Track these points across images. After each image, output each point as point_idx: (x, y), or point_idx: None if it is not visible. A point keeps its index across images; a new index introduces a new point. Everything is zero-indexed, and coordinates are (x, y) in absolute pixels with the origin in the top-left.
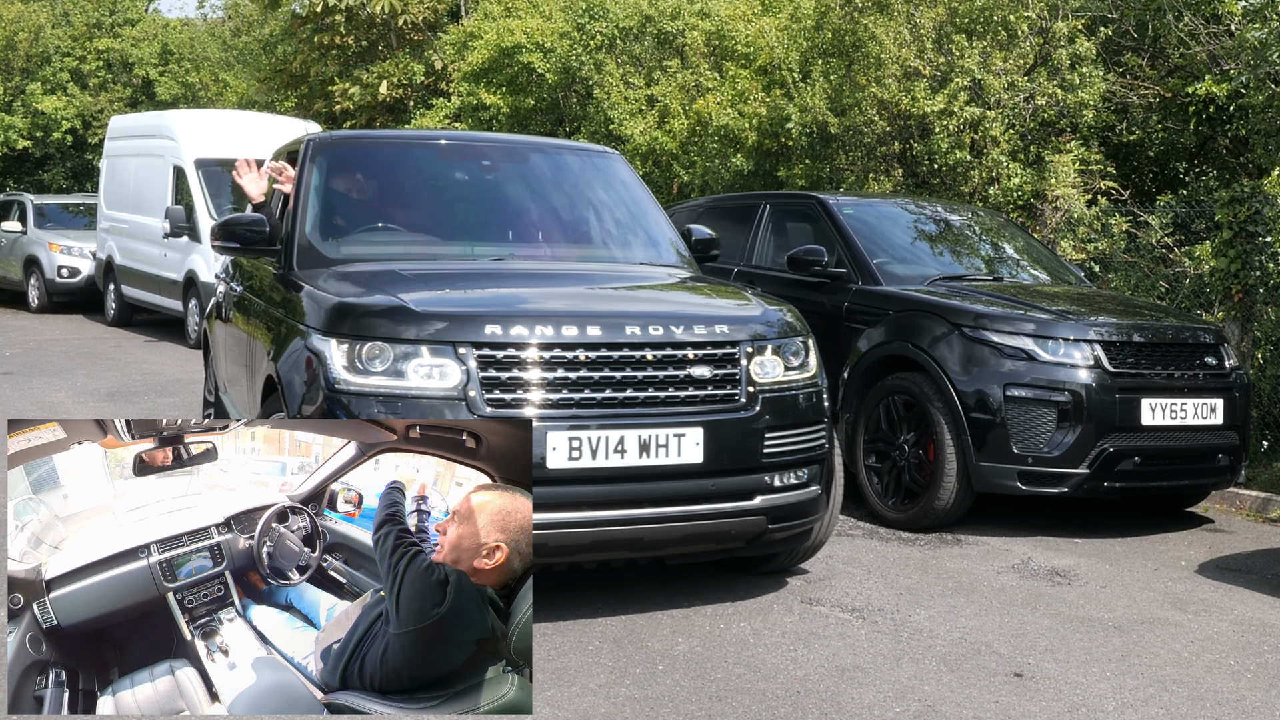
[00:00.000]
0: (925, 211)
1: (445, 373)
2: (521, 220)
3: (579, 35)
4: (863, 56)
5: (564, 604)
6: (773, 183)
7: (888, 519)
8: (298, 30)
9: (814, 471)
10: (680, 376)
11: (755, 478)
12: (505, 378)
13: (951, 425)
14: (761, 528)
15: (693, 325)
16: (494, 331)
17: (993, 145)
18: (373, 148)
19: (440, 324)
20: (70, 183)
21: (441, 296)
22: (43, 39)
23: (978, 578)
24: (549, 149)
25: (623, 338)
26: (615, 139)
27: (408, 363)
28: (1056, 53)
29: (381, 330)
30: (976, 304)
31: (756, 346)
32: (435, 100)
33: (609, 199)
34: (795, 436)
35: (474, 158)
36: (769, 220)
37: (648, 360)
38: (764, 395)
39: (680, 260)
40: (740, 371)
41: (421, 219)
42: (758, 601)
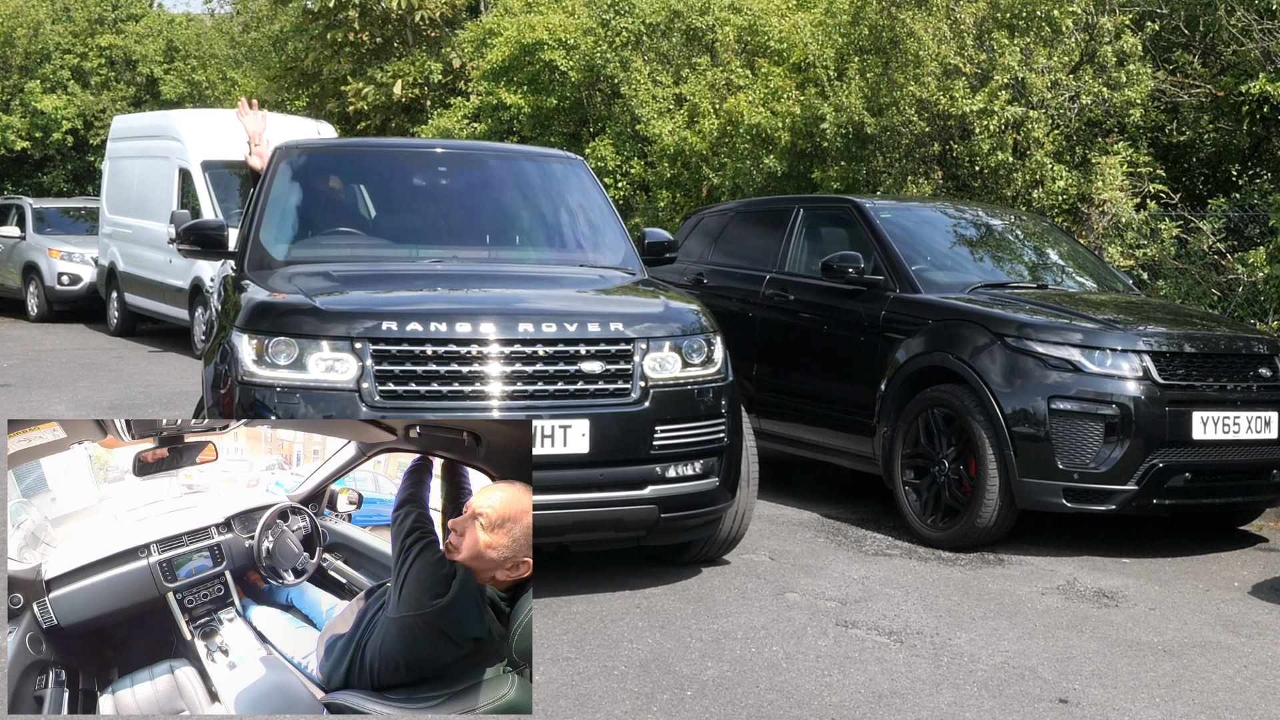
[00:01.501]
0: (966, 216)
1: (343, 366)
2: (468, 224)
3: (603, 31)
4: (900, 53)
5: (588, 628)
6: (806, 185)
7: (927, 538)
8: (309, 26)
9: (711, 464)
10: (571, 371)
11: (645, 468)
12: (399, 371)
13: (993, 440)
14: (654, 516)
15: (587, 323)
16: (390, 327)
17: (1036, 146)
18: (335, 155)
19: (340, 321)
20: (71, 186)
21: (348, 296)
22: (42, 35)
23: (1021, 599)
24: (509, 155)
25: (515, 334)
26: (642, 139)
27: (309, 356)
28: (1102, 49)
29: (288, 327)
30: (1020, 313)
31: (653, 344)
32: (453, 100)
33: (562, 204)
34: (690, 430)
35: (432, 164)
36: (802, 225)
37: (539, 356)
38: (657, 390)
39: (624, 262)
40: (633, 367)
41: (373, 223)
42: (790, 624)
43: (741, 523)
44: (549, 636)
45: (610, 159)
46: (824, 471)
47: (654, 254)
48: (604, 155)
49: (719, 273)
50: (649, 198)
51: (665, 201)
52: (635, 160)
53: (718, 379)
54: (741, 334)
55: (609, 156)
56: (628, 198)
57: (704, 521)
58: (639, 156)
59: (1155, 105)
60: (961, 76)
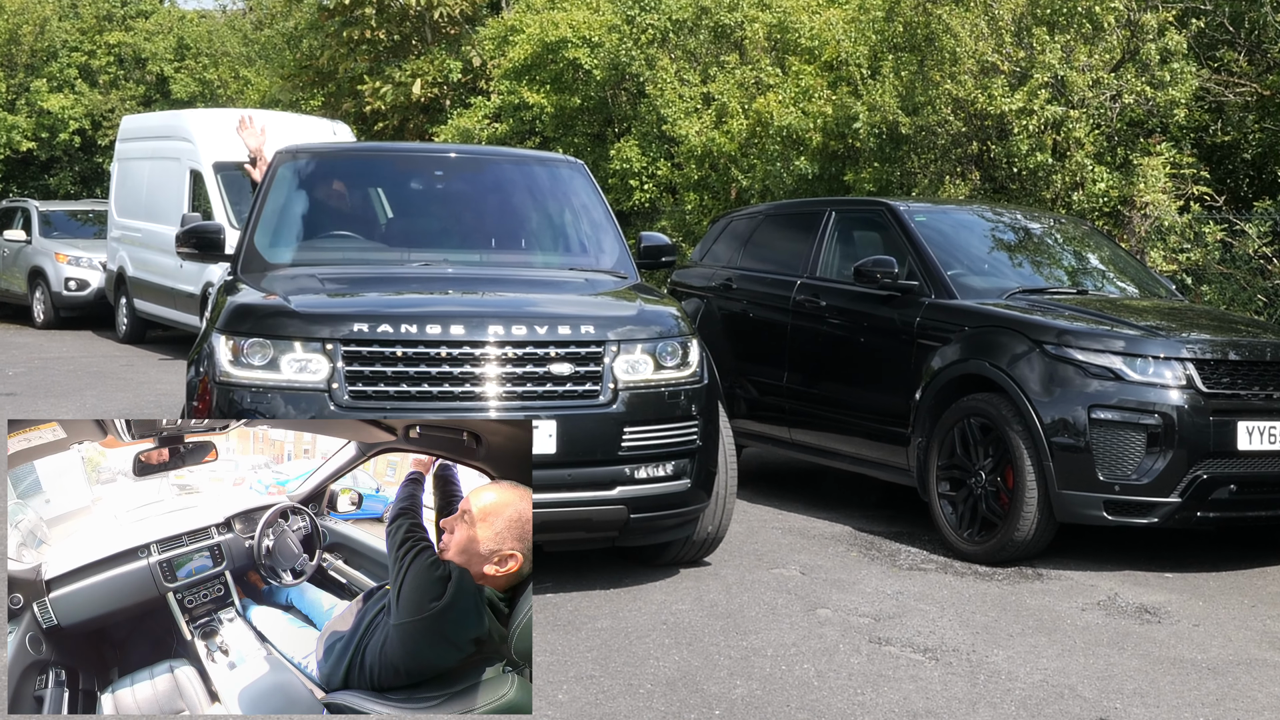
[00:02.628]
0: (1003, 219)
1: (315, 367)
2: (462, 228)
3: (629, 28)
4: (936, 51)
5: (612, 645)
6: (839, 188)
7: (963, 551)
8: (325, 23)
9: (683, 465)
10: (540, 373)
11: (614, 469)
12: (368, 371)
13: (1032, 450)
14: (623, 517)
15: (557, 326)
16: (360, 329)
17: (1076, 147)
18: (333, 160)
19: (313, 323)
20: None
21: (322, 299)
22: (49, 32)
23: (1060, 615)
24: (506, 159)
25: (484, 336)
26: (669, 140)
27: (283, 357)
28: (1145, 47)
29: (263, 328)
30: (1059, 319)
31: (624, 346)
32: (474, 99)
33: (558, 208)
34: (661, 431)
35: (429, 169)
36: (835, 229)
37: (508, 357)
38: (627, 392)
39: (617, 266)
40: (603, 369)
41: (368, 227)
42: (822, 641)
43: (720, 524)
44: (572, 654)
45: (636, 160)
46: (857, 483)
47: (650, 258)
48: (629, 156)
49: (748, 278)
50: (676, 200)
51: (693, 204)
52: (662, 162)
53: (692, 382)
54: (772, 342)
55: (634, 158)
56: (654, 200)
57: (680, 522)
58: (665, 158)
59: (1199, 105)
60: (999, 74)
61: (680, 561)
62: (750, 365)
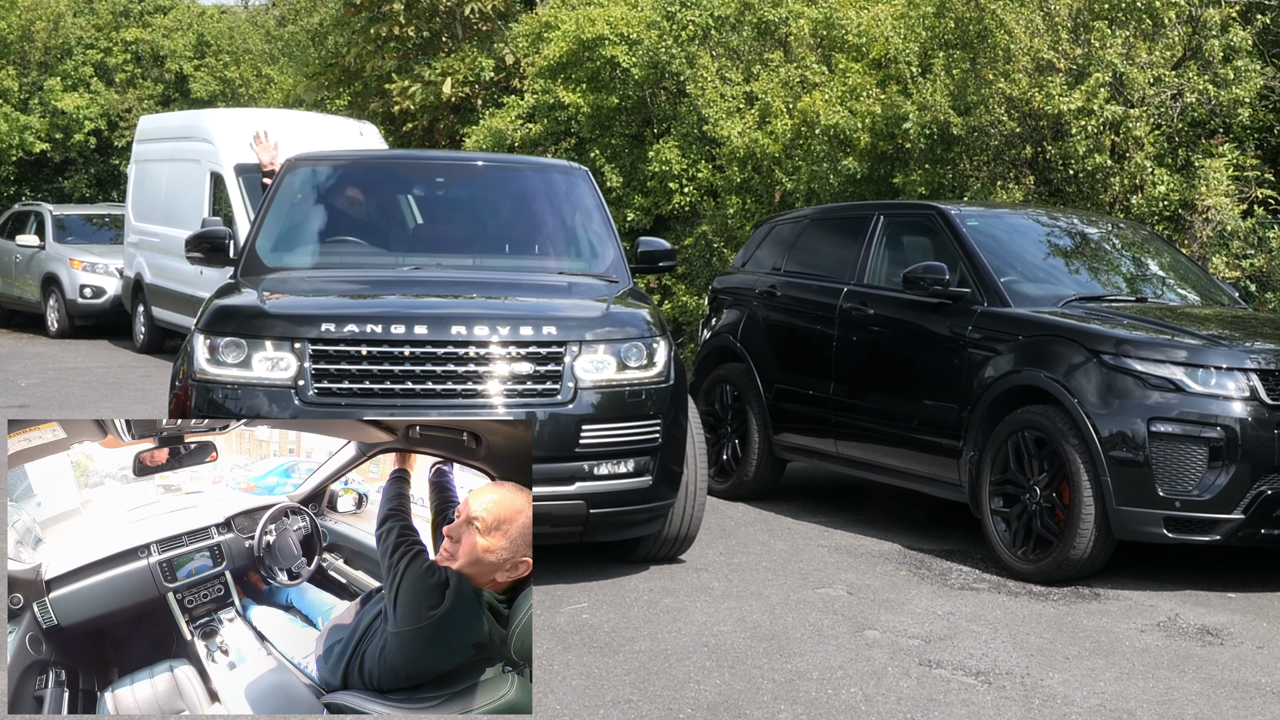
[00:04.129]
0: (1059, 223)
1: (285, 364)
2: (456, 233)
3: (669, 25)
4: (989, 48)
5: (651, 667)
6: (887, 191)
7: (1017, 570)
8: (351, 19)
9: (644, 463)
10: (501, 372)
11: (573, 465)
12: (334, 369)
13: (1089, 465)
14: (583, 512)
15: (520, 327)
16: (328, 329)
17: (1136, 148)
18: (339, 168)
19: (284, 323)
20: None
21: (296, 300)
22: (63, 28)
23: (1118, 637)
24: (506, 166)
25: (448, 336)
26: (710, 141)
27: (255, 355)
28: (1208, 44)
29: (238, 328)
30: (1117, 328)
31: (586, 347)
32: (506, 99)
33: (555, 214)
34: (621, 430)
35: (429, 175)
36: (883, 233)
37: (470, 357)
38: (588, 391)
39: (609, 270)
40: (564, 369)
41: (368, 232)
42: (870, 663)
43: (691, 522)
44: (609, 677)
45: (675, 162)
46: (906, 499)
47: (647, 262)
48: (669, 158)
49: (793, 284)
50: (717, 204)
51: (735, 208)
52: (703, 163)
53: (657, 382)
54: (817, 351)
55: (674, 160)
56: (694, 203)
57: (647, 518)
58: (707, 160)
59: (1264, 104)
60: (1056, 72)
61: (653, 559)
62: (795, 376)
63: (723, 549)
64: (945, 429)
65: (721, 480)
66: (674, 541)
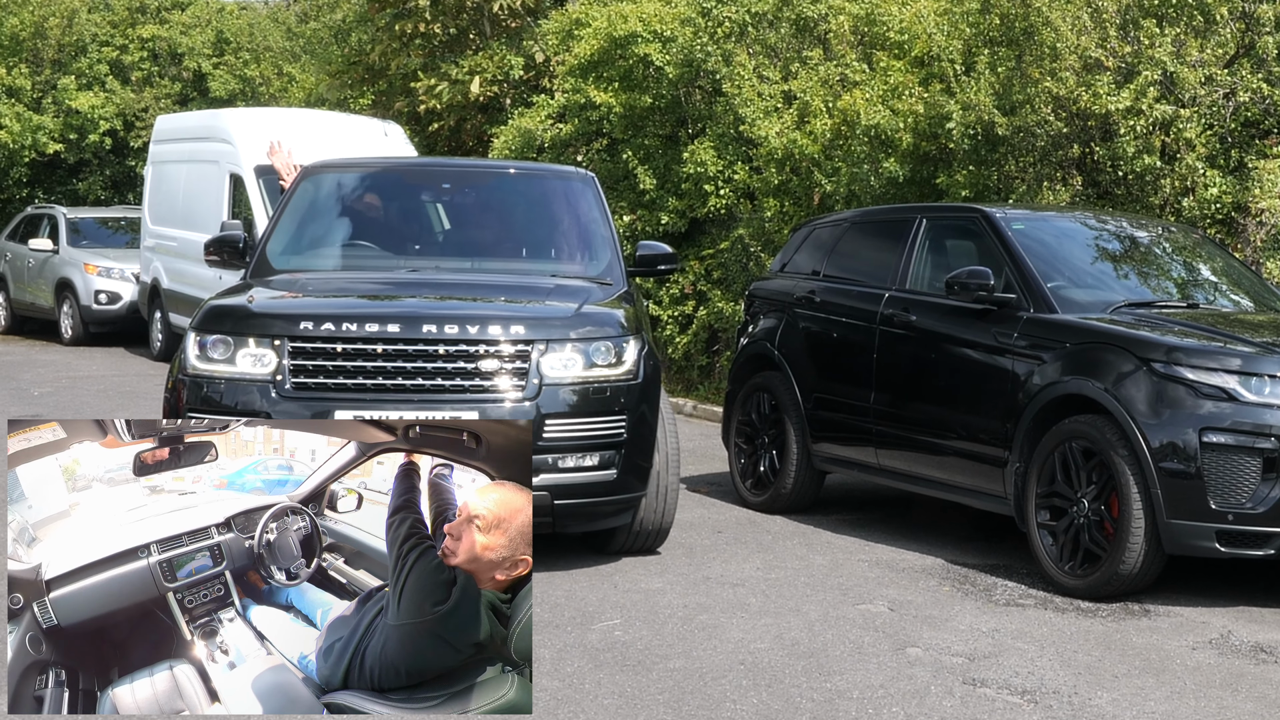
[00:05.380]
0: (1108, 227)
1: (266, 360)
2: (457, 237)
3: (704, 22)
4: (1035, 45)
5: (685, 686)
6: (930, 193)
7: (1064, 586)
8: (375, 16)
9: (609, 456)
10: (469, 369)
11: (537, 459)
12: (311, 365)
13: (1138, 477)
14: (547, 503)
15: (488, 326)
16: (306, 327)
17: (1187, 149)
18: (350, 174)
19: (266, 321)
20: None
21: (282, 300)
22: (77, 25)
23: (1169, 655)
24: (513, 173)
25: (418, 334)
26: (747, 142)
27: (239, 352)
28: (1261, 40)
29: (225, 327)
30: (1168, 335)
31: (552, 346)
32: (536, 98)
33: (556, 219)
34: (585, 425)
35: (437, 182)
36: (925, 237)
37: (439, 354)
38: (553, 387)
39: (603, 274)
40: (530, 366)
41: (374, 236)
42: (912, 682)
43: (664, 514)
44: (642, 696)
45: (711, 164)
46: (949, 512)
47: (645, 265)
48: (704, 160)
49: (832, 290)
50: (754, 206)
51: (773, 210)
52: (739, 165)
53: (625, 379)
54: (857, 359)
55: (709, 161)
56: (730, 206)
57: (616, 510)
58: (743, 161)
59: None
60: (1104, 71)
61: (629, 550)
62: (834, 384)
63: (760, 563)
64: (990, 439)
65: (758, 492)
66: (648, 534)
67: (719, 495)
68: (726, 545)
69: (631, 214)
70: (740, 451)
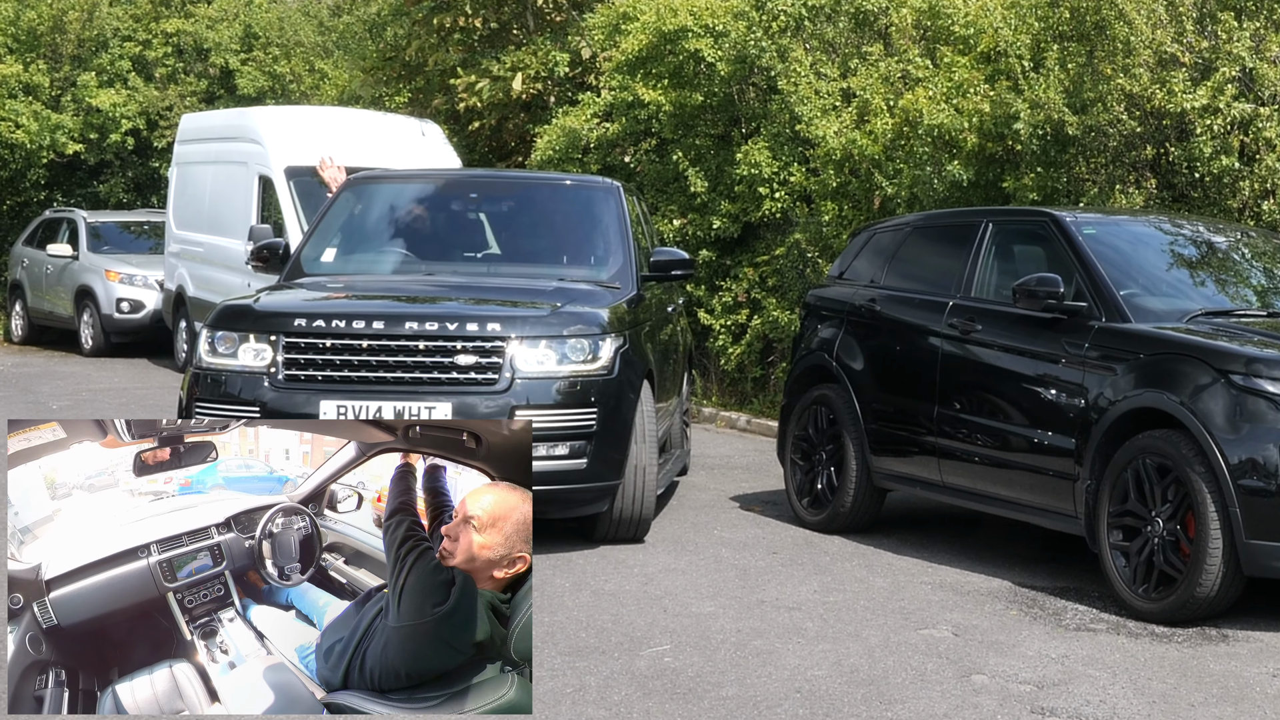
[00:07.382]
0: (1183, 231)
1: (264, 354)
2: (476, 244)
3: (758, 15)
4: (1107, 40)
5: (739, 715)
6: (997, 196)
7: (1137, 610)
8: (411, 9)
9: (579, 447)
10: (446, 363)
11: None
12: (302, 359)
13: (1216, 495)
14: None
15: (466, 323)
16: (299, 324)
17: (1267, 150)
18: (386, 185)
19: (266, 319)
20: (131, 196)
21: (281, 300)
22: (98, 19)
23: (1248, 682)
24: (539, 183)
25: (400, 331)
26: (803, 142)
27: (242, 347)
28: None
29: (232, 324)
30: (1248, 346)
31: (527, 342)
32: (582, 96)
33: (573, 227)
34: (556, 416)
35: (465, 192)
36: (991, 243)
37: (419, 349)
38: (526, 380)
39: (614, 278)
40: (504, 360)
41: (402, 242)
42: (978, 711)
43: (642, 504)
44: None
45: (765, 165)
46: (1016, 531)
47: (659, 271)
48: (758, 161)
49: (893, 299)
50: (811, 210)
51: (830, 214)
52: (795, 166)
53: (599, 374)
54: (920, 371)
55: (764, 162)
56: (786, 210)
57: (591, 497)
58: (800, 162)
59: None
60: (1180, 67)
61: (612, 538)
62: (895, 397)
63: (817, 586)
64: (1059, 455)
65: (816, 511)
66: (628, 522)
67: (774, 514)
68: (782, 567)
69: (682, 218)
70: (796, 468)
